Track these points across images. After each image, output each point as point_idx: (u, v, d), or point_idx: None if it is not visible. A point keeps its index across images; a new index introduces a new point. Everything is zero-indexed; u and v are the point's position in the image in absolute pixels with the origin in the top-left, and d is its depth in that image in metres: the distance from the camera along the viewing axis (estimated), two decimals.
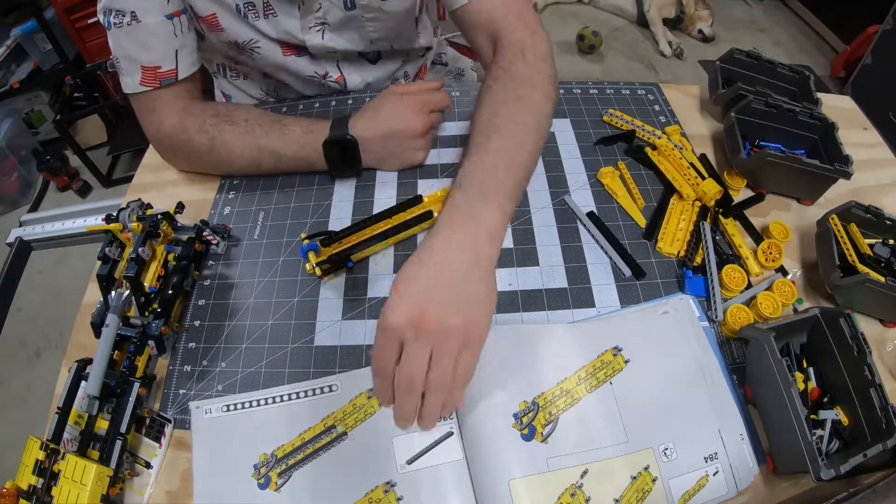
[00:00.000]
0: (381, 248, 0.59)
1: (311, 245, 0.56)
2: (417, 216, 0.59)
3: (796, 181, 0.62)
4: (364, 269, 0.59)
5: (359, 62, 0.78)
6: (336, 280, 0.58)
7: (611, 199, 0.63)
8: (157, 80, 0.62)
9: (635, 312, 0.53)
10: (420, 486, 0.45)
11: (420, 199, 0.60)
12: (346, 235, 0.58)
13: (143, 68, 0.61)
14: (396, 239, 0.59)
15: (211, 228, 0.60)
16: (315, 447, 0.47)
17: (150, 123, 0.65)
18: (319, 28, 0.69)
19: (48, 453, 0.44)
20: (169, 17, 0.60)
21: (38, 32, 1.88)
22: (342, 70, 0.76)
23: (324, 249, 0.57)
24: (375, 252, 0.59)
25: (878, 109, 1.69)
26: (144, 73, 0.61)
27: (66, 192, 2.02)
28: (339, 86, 0.77)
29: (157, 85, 0.62)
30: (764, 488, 0.45)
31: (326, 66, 0.75)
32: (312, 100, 0.78)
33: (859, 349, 0.46)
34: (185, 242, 0.57)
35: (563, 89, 0.76)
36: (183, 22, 0.61)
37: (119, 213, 0.55)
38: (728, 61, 0.72)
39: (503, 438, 0.45)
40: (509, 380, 0.48)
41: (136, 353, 0.51)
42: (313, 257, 0.56)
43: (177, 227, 0.59)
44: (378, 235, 0.58)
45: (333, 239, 0.57)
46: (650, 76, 2.25)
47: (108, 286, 0.53)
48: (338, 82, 0.77)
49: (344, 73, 0.77)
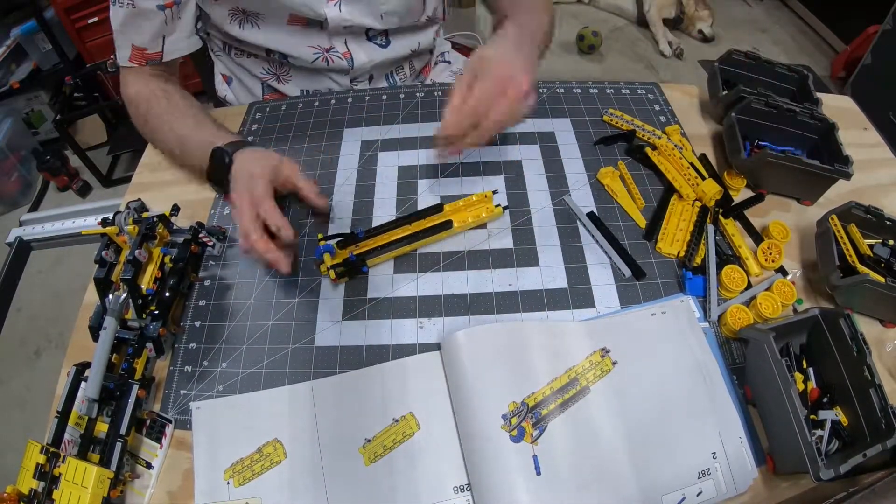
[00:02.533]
0: (398, 254, 0.59)
1: (327, 247, 0.56)
2: (437, 224, 0.59)
3: (796, 181, 0.62)
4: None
5: (368, 44, 0.79)
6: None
7: (611, 200, 0.63)
8: (144, 60, 0.69)
9: (633, 313, 0.53)
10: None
11: (441, 208, 0.60)
12: (364, 239, 0.57)
13: (133, 47, 0.67)
14: (414, 246, 0.59)
15: (207, 230, 0.60)
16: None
17: (123, 86, 0.71)
18: (336, 1, 0.72)
19: (49, 457, 0.44)
20: (161, 8, 0.65)
21: (38, 32, 1.88)
22: (349, 46, 0.77)
23: (339, 252, 0.57)
24: (392, 258, 0.59)
25: (878, 109, 1.69)
26: (133, 51, 0.68)
27: (66, 192, 2.02)
28: (344, 62, 0.78)
29: (143, 63, 0.69)
30: (764, 488, 0.45)
31: (334, 41, 0.76)
32: (313, 99, 0.78)
33: (859, 349, 0.46)
34: (182, 244, 0.57)
35: (562, 89, 0.76)
36: (174, 12, 0.67)
37: (115, 216, 0.55)
38: (727, 62, 0.72)
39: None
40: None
41: (135, 356, 0.51)
42: (328, 259, 0.55)
43: (173, 229, 0.59)
44: (396, 241, 0.57)
45: (350, 241, 0.57)
46: (650, 76, 2.25)
47: (105, 289, 0.53)
48: (343, 57, 0.77)
49: (351, 50, 0.78)
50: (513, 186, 0.65)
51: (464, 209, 0.60)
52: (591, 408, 0.47)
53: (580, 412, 0.47)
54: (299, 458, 0.47)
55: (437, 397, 0.49)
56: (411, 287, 0.57)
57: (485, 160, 0.67)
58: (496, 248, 0.59)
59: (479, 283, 0.57)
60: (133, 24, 0.66)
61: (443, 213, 0.60)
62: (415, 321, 0.54)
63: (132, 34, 0.66)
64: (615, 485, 0.44)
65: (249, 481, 0.47)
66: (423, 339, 0.53)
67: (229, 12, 0.72)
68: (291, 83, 0.82)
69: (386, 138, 0.72)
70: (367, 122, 0.74)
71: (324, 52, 0.76)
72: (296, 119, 0.76)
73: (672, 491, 0.44)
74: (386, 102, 0.77)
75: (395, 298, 0.56)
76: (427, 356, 0.51)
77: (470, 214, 0.60)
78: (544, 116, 0.73)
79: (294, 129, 0.75)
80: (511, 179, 0.65)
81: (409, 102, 0.76)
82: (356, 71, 0.79)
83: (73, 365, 0.50)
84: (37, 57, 1.95)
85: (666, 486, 0.44)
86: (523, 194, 0.64)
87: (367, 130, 0.73)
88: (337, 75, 0.80)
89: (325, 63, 0.78)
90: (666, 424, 0.47)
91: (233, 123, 0.77)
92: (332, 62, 0.78)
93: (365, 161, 0.69)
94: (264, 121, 0.77)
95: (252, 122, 0.77)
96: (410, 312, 0.55)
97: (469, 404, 0.46)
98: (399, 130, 0.73)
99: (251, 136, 0.75)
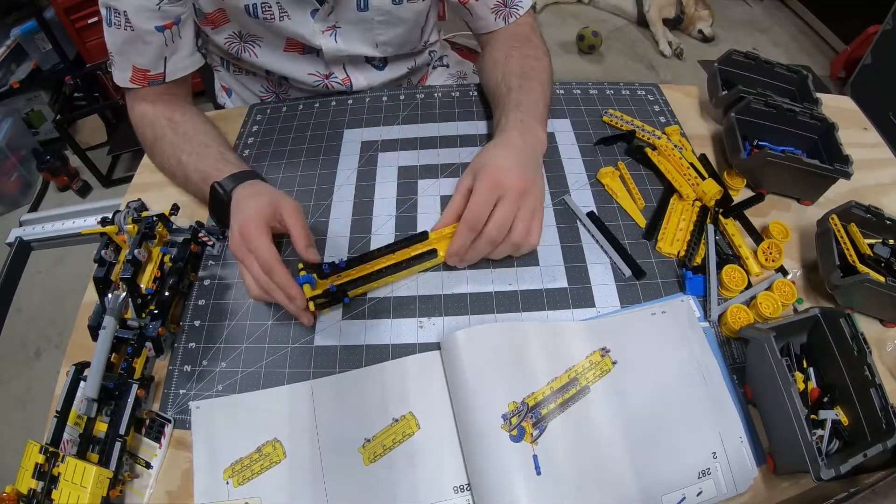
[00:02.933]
0: (381, 284, 0.56)
1: (306, 278, 0.53)
2: (421, 253, 0.56)
3: (796, 181, 0.62)
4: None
5: (365, 67, 0.78)
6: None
7: (611, 199, 0.63)
8: (146, 81, 0.66)
9: (633, 313, 0.53)
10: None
11: (426, 236, 0.57)
12: (346, 269, 0.55)
13: (135, 68, 0.65)
14: (398, 277, 0.56)
15: (206, 230, 0.60)
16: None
17: (129, 107, 0.70)
18: (332, 32, 0.71)
19: (48, 457, 0.44)
20: (160, 29, 0.63)
21: (38, 32, 1.88)
22: (348, 72, 0.77)
23: (320, 282, 0.54)
24: (375, 288, 0.56)
25: (878, 109, 1.69)
26: (135, 72, 0.65)
27: (66, 192, 2.02)
28: (344, 87, 0.78)
29: (145, 84, 0.66)
30: (764, 488, 0.45)
31: (332, 67, 0.76)
32: (313, 100, 0.78)
33: (859, 349, 0.45)
34: (181, 244, 0.57)
35: (562, 89, 0.76)
36: (174, 32, 0.65)
37: (115, 215, 0.55)
38: (726, 63, 0.72)
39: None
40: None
41: (134, 355, 0.51)
42: (309, 290, 0.53)
43: (172, 228, 0.59)
44: (379, 272, 0.55)
45: (332, 272, 0.55)
46: (650, 76, 2.25)
47: (104, 289, 0.53)
48: (343, 83, 0.77)
49: (350, 76, 0.77)
50: None
51: (449, 237, 0.56)
52: (591, 407, 0.47)
53: (580, 412, 0.47)
54: (299, 458, 0.47)
55: (437, 397, 0.49)
56: (411, 287, 0.57)
57: None
58: None
59: (479, 282, 0.57)
60: (133, 47, 0.63)
61: (428, 241, 0.57)
62: (415, 321, 0.54)
63: (133, 56, 0.64)
64: (615, 484, 0.44)
65: (249, 481, 0.47)
66: (423, 338, 0.53)
67: (227, 37, 0.71)
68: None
69: (386, 139, 0.72)
70: (367, 123, 0.74)
71: (323, 79, 0.77)
72: (296, 120, 0.76)
73: (672, 490, 0.44)
74: (386, 104, 0.77)
75: (394, 298, 0.56)
76: (427, 356, 0.51)
77: None
78: None
79: (294, 129, 0.75)
80: None
81: (409, 104, 0.76)
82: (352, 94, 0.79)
83: (73, 364, 0.50)
84: (37, 57, 1.95)
85: (666, 486, 0.44)
86: None
87: (367, 131, 0.73)
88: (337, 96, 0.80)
89: (326, 88, 0.78)
90: (666, 424, 0.47)
91: (234, 125, 0.77)
92: (331, 87, 0.78)
93: (365, 161, 0.69)
94: (265, 122, 0.77)
95: (253, 123, 0.77)
96: (410, 312, 0.55)
97: (469, 404, 0.46)
98: (399, 131, 0.73)
99: (251, 138, 0.75)
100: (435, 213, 0.63)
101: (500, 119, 0.62)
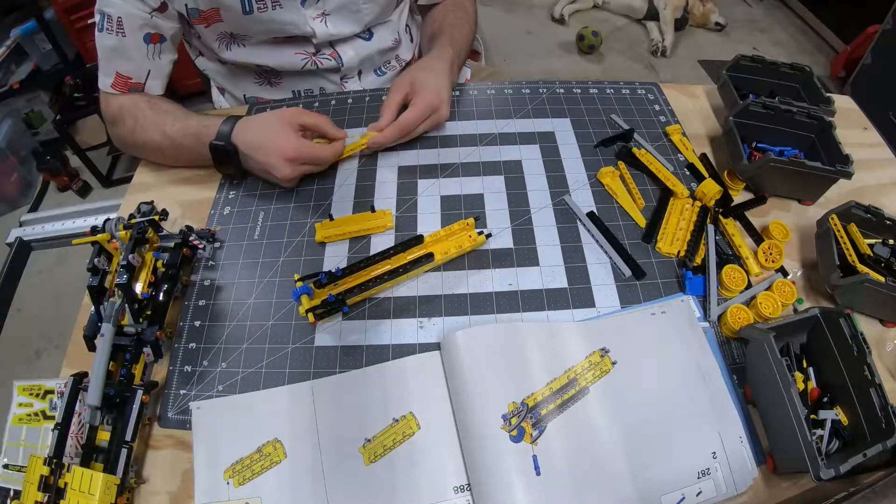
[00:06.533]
0: (379, 290, 0.56)
1: (303, 289, 0.52)
2: (419, 258, 0.56)
3: (798, 183, 0.62)
4: None
5: (353, 40, 0.80)
6: None
7: (611, 199, 0.63)
8: (127, 88, 0.69)
9: (632, 313, 0.53)
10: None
11: (421, 240, 0.57)
12: (343, 277, 0.54)
13: (118, 74, 0.68)
14: (395, 282, 0.56)
15: (196, 233, 0.60)
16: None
17: (103, 104, 0.71)
18: (321, 18, 0.73)
19: (52, 468, 0.43)
20: (147, 41, 0.67)
21: (37, 32, 1.88)
22: (336, 48, 0.79)
23: (318, 291, 0.54)
24: (373, 294, 0.56)
25: (878, 109, 1.69)
26: (117, 78, 0.68)
27: (66, 193, 2.02)
28: (333, 61, 0.78)
29: (125, 91, 0.69)
30: (764, 488, 0.45)
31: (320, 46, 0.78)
32: (312, 99, 0.78)
33: (859, 349, 0.46)
34: (173, 248, 0.57)
35: (562, 89, 0.76)
36: (158, 49, 0.69)
37: (105, 223, 0.55)
38: (735, 69, 0.72)
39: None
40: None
41: (133, 362, 0.50)
42: (306, 301, 0.52)
43: (161, 233, 0.59)
44: (376, 278, 0.54)
45: (329, 281, 0.54)
46: (650, 76, 2.25)
47: (99, 297, 0.53)
48: (331, 57, 0.78)
49: (338, 51, 0.79)
50: (513, 186, 0.65)
51: (445, 239, 0.58)
52: (590, 408, 0.47)
53: (579, 412, 0.47)
54: (299, 458, 0.47)
55: (437, 397, 0.49)
56: (411, 287, 0.57)
57: (485, 160, 0.67)
58: (496, 248, 0.59)
59: (479, 282, 0.57)
60: (121, 53, 0.66)
61: (423, 244, 0.57)
62: (415, 321, 0.54)
63: (119, 62, 0.67)
64: (614, 484, 0.44)
65: (249, 481, 0.47)
66: (423, 338, 0.53)
67: (218, 36, 0.73)
68: (282, 86, 0.82)
69: None
70: (366, 123, 0.74)
71: (311, 57, 0.78)
72: None
73: (672, 490, 0.44)
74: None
75: (395, 298, 0.56)
76: (427, 356, 0.51)
77: (452, 244, 0.58)
78: (544, 116, 0.73)
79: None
80: (511, 179, 0.65)
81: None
82: (345, 69, 0.80)
83: (70, 375, 0.49)
84: (37, 57, 1.95)
85: (665, 486, 0.44)
86: (523, 194, 0.64)
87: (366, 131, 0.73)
88: (327, 74, 0.81)
89: (315, 66, 0.78)
90: (666, 424, 0.47)
91: None
92: (321, 65, 0.78)
93: (365, 161, 0.69)
94: None
95: None
96: (410, 312, 0.55)
97: (469, 404, 0.46)
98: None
99: None
100: (435, 213, 0.63)
101: (434, 49, 0.74)
